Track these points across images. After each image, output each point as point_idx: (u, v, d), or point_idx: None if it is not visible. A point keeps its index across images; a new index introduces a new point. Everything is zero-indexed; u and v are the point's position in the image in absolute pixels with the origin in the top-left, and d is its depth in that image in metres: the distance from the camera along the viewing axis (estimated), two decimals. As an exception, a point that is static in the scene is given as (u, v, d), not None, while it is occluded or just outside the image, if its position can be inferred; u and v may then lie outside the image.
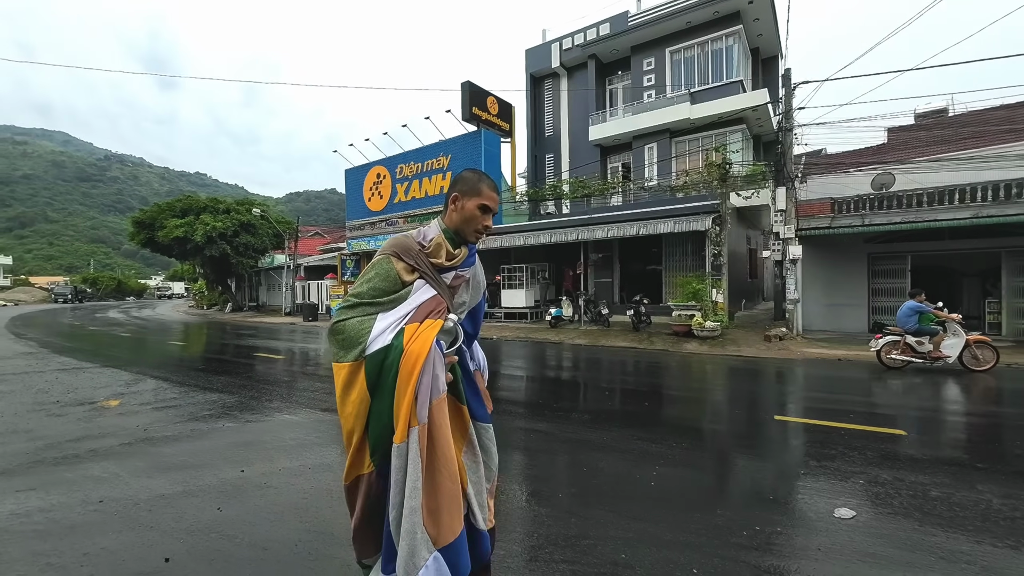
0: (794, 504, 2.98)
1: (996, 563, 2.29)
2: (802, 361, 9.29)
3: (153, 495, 3.04)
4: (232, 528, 2.61)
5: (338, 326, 1.46)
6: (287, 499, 2.99)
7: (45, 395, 6.03)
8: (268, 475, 3.37)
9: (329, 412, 5.19)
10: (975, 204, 11.62)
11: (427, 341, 1.39)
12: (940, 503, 2.95)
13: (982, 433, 4.68)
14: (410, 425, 1.36)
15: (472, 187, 1.57)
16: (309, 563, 2.27)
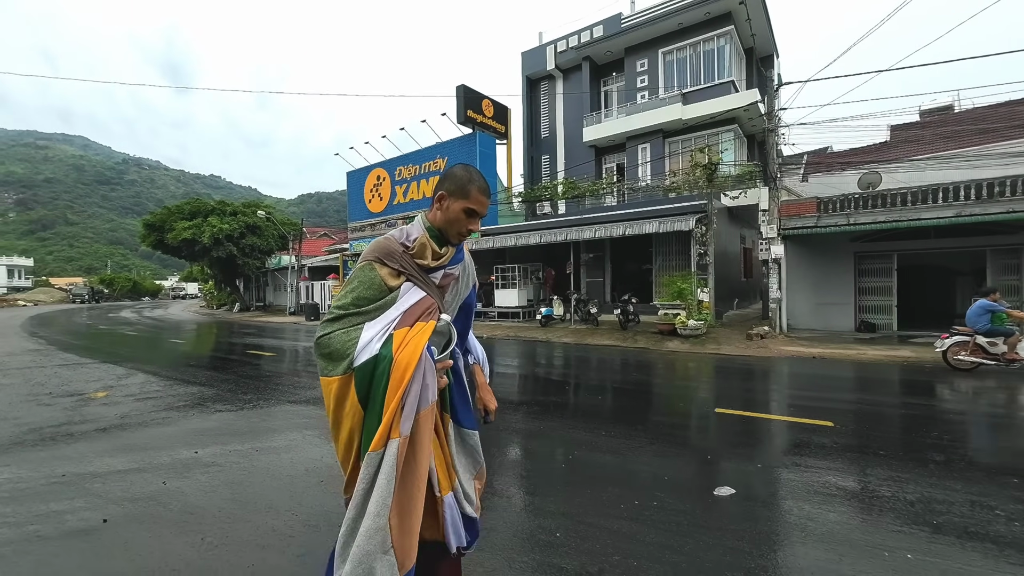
0: (683, 483, 3.24)
1: (837, 532, 2.54)
2: (776, 359, 9.46)
3: (110, 471, 3.42)
4: (169, 498, 2.96)
5: (323, 340, 1.38)
6: (227, 476, 3.34)
7: (40, 387, 6.50)
8: (217, 455, 3.73)
9: (296, 404, 5.55)
10: (958, 203, 11.65)
11: (417, 347, 1.31)
12: (823, 486, 3.19)
13: (905, 426, 4.88)
14: (390, 435, 1.28)
15: (460, 188, 1.47)
16: (226, 525, 2.61)
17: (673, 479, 3.32)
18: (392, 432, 1.28)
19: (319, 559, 2.28)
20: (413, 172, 21.81)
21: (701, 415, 5.20)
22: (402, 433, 1.28)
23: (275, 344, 12.60)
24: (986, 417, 5.19)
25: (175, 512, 2.76)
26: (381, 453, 1.27)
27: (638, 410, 5.55)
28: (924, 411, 5.41)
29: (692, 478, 3.33)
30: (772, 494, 3.08)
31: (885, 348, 10.01)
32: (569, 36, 21.01)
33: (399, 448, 1.28)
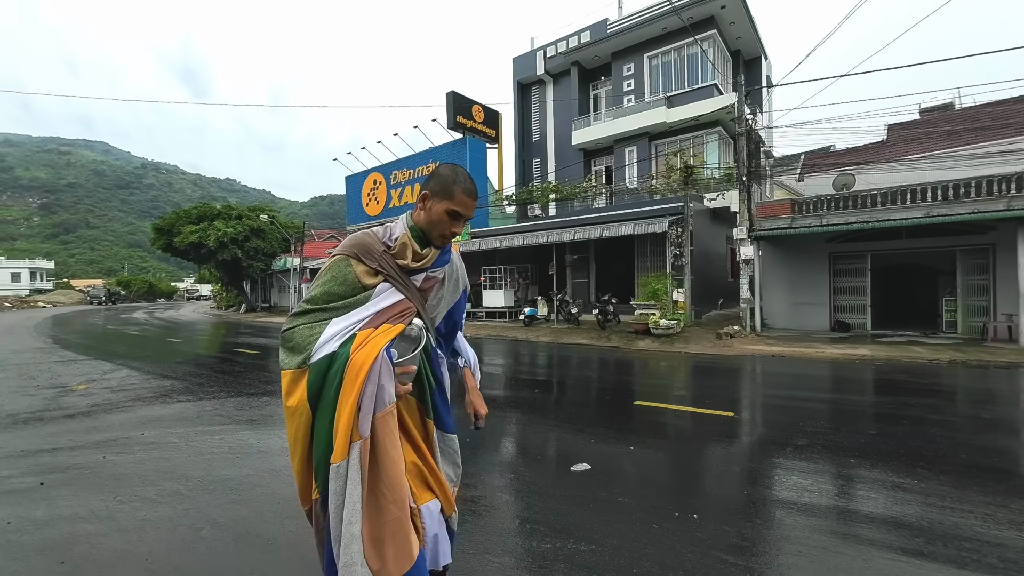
0: (548, 460, 3.67)
1: (660, 497, 2.94)
2: (735, 357, 9.75)
3: (62, 447, 3.96)
4: (103, 468, 3.48)
5: (287, 333, 1.34)
6: (159, 452, 3.85)
7: (31, 380, 7.14)
8: (159, 437, 4.26)
9: (254, 396, 6.07)
10: (926, 204, 11.86)
11: (374, 349, 1.26)
12: (673, 462, 3.59)
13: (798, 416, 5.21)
14: (351, 440, 1.23)
15: (445, 188, 1.40)
16: (138, 488, 3.11)
17: (545, 457, 3.74)
18: (353, 435, 1.23)
19: (204, 513, 2.75)
20: (407, 176, 22.43)
21: (619, 406, 5.60)
22: (361, 435, 1.23)
23: (264, 343, 13.23)
24: (878, 407, 5.49)
25: (102, 478, 3.28)
26: (346, 462, 1.22)
27: (563, 402, 5.96)
28: (827, 404, 5.73)
29: (561, 456, 3.75)
30: (622, 469, 3.48)
31: (846, 347, 10.24)
32: (558, 41, 21.42)
33: (361, 450, 1.23)
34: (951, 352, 9.32)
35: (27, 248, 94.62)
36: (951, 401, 5.98)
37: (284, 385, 1.31)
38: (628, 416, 5.08)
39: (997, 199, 10.93)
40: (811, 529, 2.54)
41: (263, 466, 3.53)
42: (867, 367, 8.29)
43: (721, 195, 14.78)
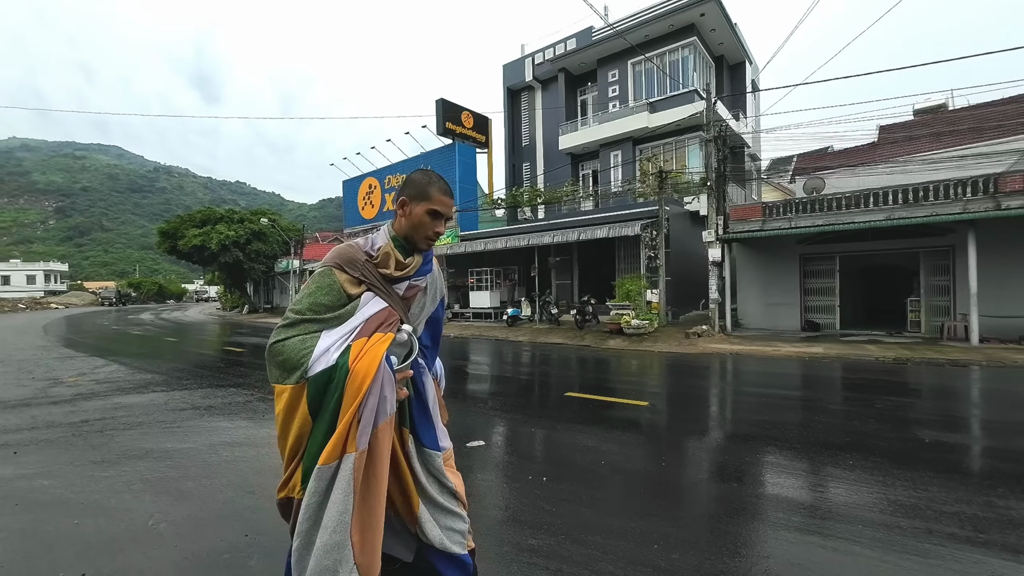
0: (453, 438, 4.20)
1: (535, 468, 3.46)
2: (695, 355, 10.20)
3: (40, 426, 4.57)
4: (70, 441, 4.08)
5: (276, 347, 1.33)
6: (118, 431, 4.45)
7: (27, 374, 7.82)
8: (121, 418, 4.87)
9: (221, 388, 6.67)
10: (888, 207, 12.19)
11: (375, 357, 1.27)
12: (569, 442, 4.10)
13: (707, 405, 5.68)
14: (345, 451, 1.23)
15: (421, 191, 1.45)
16: (90, 451, 3.70)
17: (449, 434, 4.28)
18: (348, 446, 1.23)
19: (138, 473, 3.33)
20: (400, 181, 23.07)
21: (549, 397, 6.12)
22: (359, 447, 1.23)
23: (254, 342, 13.89)
24: (791, 398, 5.94)
25: (66, 449, 3.88)
26: (335, 467, 1.23)
27: (500, 392, 6.49)
28: (746, 396, 6.19)
29: (464, 435, 4.28)
30: (512, 446, 4.00)
31: (804, 345, 10.63)
32: (545, 49, 21.96)
33: (355, 462, 1.23)
34: (900, 350, 9.69)
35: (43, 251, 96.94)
36: (865, 393, 6.39)
37: (284, 400, 1.29)
38: (550, 404, 5.60)
39: (954, 203, 11.26)
40: (649, 492, 3.05)
41: (204, 441, 4.11)
42: (812, 364, 8.72)
43: (696, 199, 15.19)
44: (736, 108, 20.22)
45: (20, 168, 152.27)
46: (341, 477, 1.23)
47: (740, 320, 15.03)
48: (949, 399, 6.02)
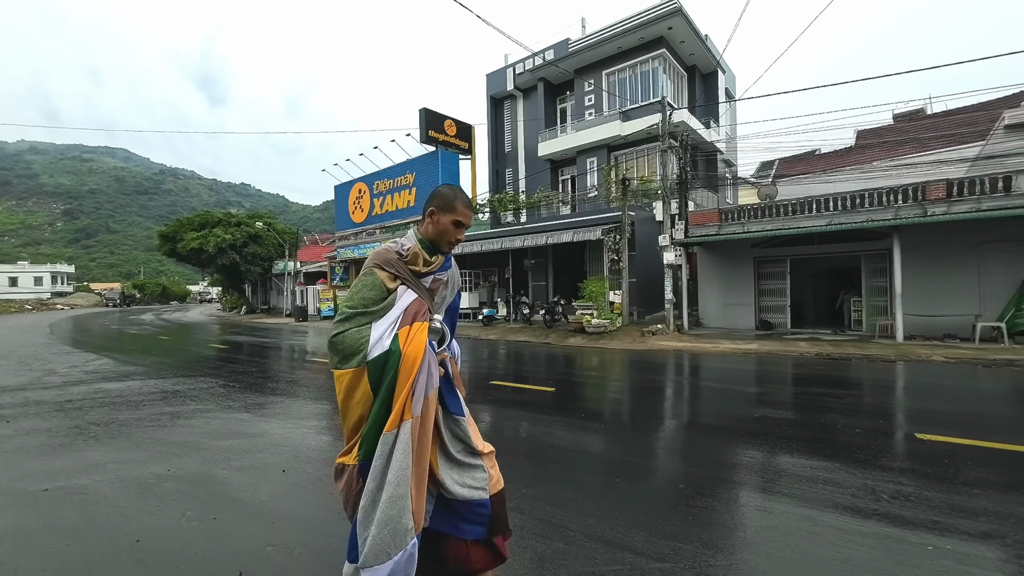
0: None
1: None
2: (639, 351, 11.02)
3: (27, 403, 5.50)
4: (52, 413, 4.99)
5: (337, 339, 1.58)
6: (89, 406, 5.34)
7: (26, 366, 8.78)
8: (100, 399, 5.76)
9: (191, 378, 7.57)
10: (829, 213, 12.99)
11: (421, 343, 1.55)
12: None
13: (608, 393, 6.51)
14: (403, 418, 1.49)
15: (447, 203, 1.71)
16: (67, 422, 4.59)
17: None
18: (405, 414, 1.49)
19: (95, 437, 4.21)
20: (388, 186, 23.97)
21: (478, 384, 6.98)
22: (414, 414, 1.50)
23: (242, 340, 14.83)
24: (699, 387, 6.77)
25: (47, 419, 4.79)
26: (395, 433, 1.48)
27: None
28: (653, 385, 7.03)
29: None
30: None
31: (744, 343, 11.43)
32: (526, 59, 22.83)
33: (412, 427, 1.49)
34: (828, 347, 10.47)
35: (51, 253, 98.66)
36: (766, 383, 7.21)
37: (346, 381, 1.56)
38: (472, 389, 6.47)
39: (886, 209, 12.04)
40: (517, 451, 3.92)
41: (154, 411, 5.00)
42: (738, 359, 9.51)
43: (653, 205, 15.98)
44: (707, 116, 21.02)
45: (29, 171, 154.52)
46: (401, 440, 1.49)
47: (701, 320, 15.82)
48: (826, 386, 6.82)
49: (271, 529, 2.58)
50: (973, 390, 6.40)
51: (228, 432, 4.44)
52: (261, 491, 3.10)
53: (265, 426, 4.63)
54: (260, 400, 5.84)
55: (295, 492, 3.10)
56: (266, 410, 5.31)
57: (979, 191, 10.92)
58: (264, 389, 6.57)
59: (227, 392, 6.31)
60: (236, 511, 2.81)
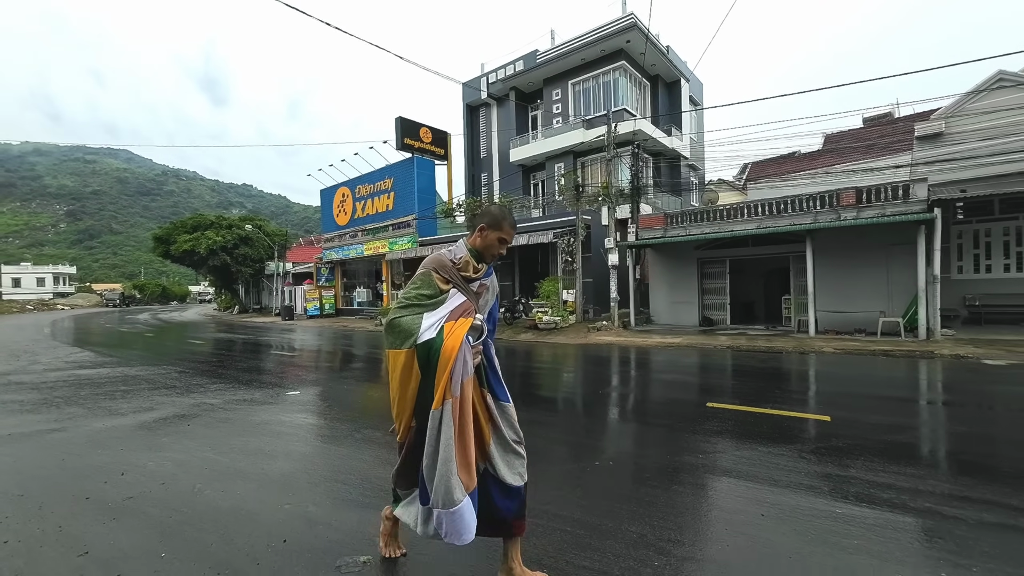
0: (277, 391, 6.17)
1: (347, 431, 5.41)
2: (576, 345, 12.06)
3: (12, 384, 6.61)
4: (28, 390, 6.10)
5: (394, 322, 1.89)
6: (61, 387, 6.46)
7: (15, 357, 9.94)
8: (70, 382, 6.88)
9: (157, 366, 8.69)
10: (758, 217, 14.00)
11: (459, 337, 1.83)
12: (370, 400, 6.04)
13: (523, 380, 7.58)
14: (445, 398, 1.79)
15: (496, 223, 2.00)
16: (38, 395, 5.70)
17: (277, 390, 6.25)
18: (447, 395, 1.79)
19: (65, 413, 5.30)
20: (369, 190, 25.13)
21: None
22: (453, 394, 1.79)
23: (220, 337, 15.97)
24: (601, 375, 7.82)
25: (24, 393, 5.90)
26: (440, 410, 1.79)
27: (358, 368, 8.44)
28: (560, 371, 8.09)
29: (287, 393, 6.24)
30: (324, 397, 5.96)
31: (672, 338, 12.47)
32: (498, 69, 23.92)
33: (454, 405, 1.78)
34: (744, 340, 11.50)
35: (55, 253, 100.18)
36: (648, 370, 8.27)
37: (401, 360, 1.86)
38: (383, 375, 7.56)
39: (806, 214, 13.06)
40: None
41: (110, 390, 6.11)
42: (657, 351, 10.57)
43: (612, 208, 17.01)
44: (671, 124, 22.03)
45: (32, 172, 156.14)
46: (446, 415, 1.78)
47: (652, 317, 16.86)
48: (696, 371, 7.88)
49: (157, 456, 3.68)
50: (802, 373, 7.49)
51: (157, 403, 5.55)
52: (161, 434, 4.20)
53: (186, 400, 5.74)
54: (201, 382, 6.95)
55: (190, 435, 4.20)
56: (200, 390, 6.41)
57: (884, 198, 11.94)
58: (212, 375, 7.67)
59: (178, 377, 7.42)
60: (139, 451, 3.91)
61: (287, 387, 6.48)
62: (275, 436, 4.28)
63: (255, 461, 3.61)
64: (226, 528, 2.54)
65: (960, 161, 12.34)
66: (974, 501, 2.78)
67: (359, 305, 26.70)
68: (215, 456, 3.72)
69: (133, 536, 2.47)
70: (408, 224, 22.40)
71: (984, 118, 12.06)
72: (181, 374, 7.70)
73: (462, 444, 1.81)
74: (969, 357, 8.41)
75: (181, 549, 2.34)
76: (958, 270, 12.81)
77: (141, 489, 3.08)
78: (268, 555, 2.26)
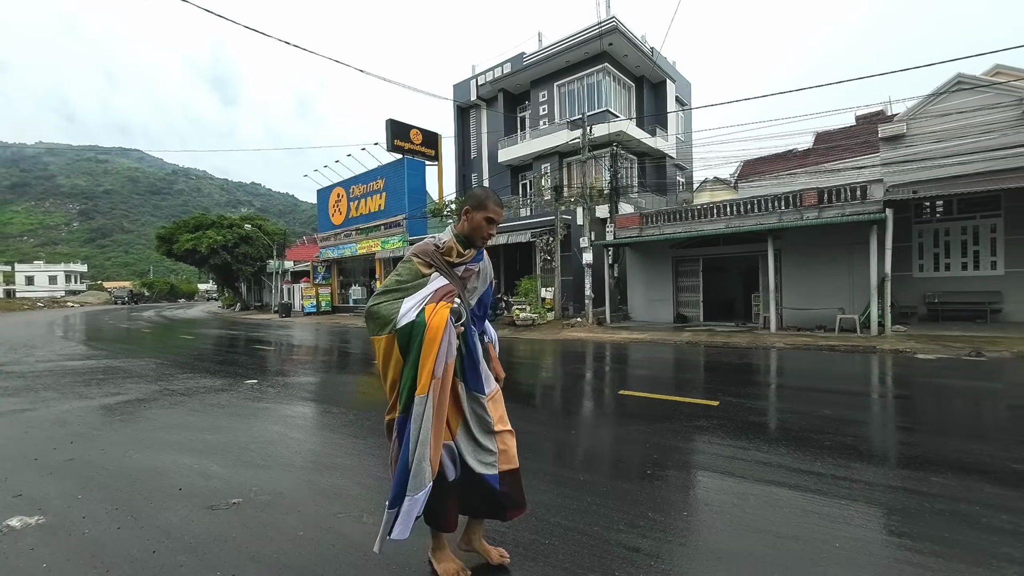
0: (237, 380, 6.77)
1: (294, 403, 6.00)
2: (546, 340, 12.56)
3: (3, 372, 7.28)
4: (15, 378, 6.76)
5: (373, 309, 1.90)
6: (48, 375, 7.11)
7: (14, 350, 10.68)
8: (58, 370, 7.54)
9: (140, 358, 9.35)
10: (726, 217, 14.41)
11: (443, 318, 1.82)
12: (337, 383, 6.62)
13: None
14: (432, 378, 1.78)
15: (480, 203, 1.98)
16: (23, 383, 6.35)
17: (255, 377, 6.85)
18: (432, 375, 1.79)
19: (43, 398, 5.94)
20: (362, 190, 25.80)
21: (366, 368, 8.64)
22: (435, 375, 1.80)
23: (212, 333, 16.69)
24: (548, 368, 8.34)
25: (14, 380, 6.55)
26: (427, 395, 1.79)
27: (331, 360, 9.03)
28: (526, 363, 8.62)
29: (248, 379, 6.83)
30: (287, 385, 6.55)
31: (638, 334, 12.94)
32: (487, 71, 24.42)
33: (435, 386, 1.81)
34: (705, 336, 11.95)
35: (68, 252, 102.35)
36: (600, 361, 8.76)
37: (382, 346, 1.88)
38: (352, 367, 8.15)
39: (772, 214, 13.45)
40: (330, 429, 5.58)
41: (90, 378, 6.74)
42: (620, 345, 11.05)
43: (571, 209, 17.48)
44: (655, 124, 22.41)
45: (46, 172, 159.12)
46: (430, 398, 1.80)
47: (630, 314, 17.31)
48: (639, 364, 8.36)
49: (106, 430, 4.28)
50: (733, 365, 7.94)
51: (125, 389, 6.17)
52: (117, 414, 4.80)
53: (152, 387, 6.35)
54: (172, 372, 7.58)
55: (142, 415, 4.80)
56: (168, 379, 7.03)
57: (843, 198, 12.31)
58: (185, 366, 8.30)
59: (155, 368, 8.06)
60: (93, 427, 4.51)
61: (248, 377, 7.08)
62: (214, 415, 4.86)
63: (187, 434, 4.19)
64: (137, 480, 3.12)
65: (920, 162, 12.66)
66: (793, 470, 3.28)
67: (355, 303, 27.37)
68: (155, 431, 4.31)
69: (61, 485, 3.05)
70: (399, 224, 23.01)
71: (942, 120, 12.37)
72: (159, 365, 8.34)
73: (437, 427, 1.84)
74: (905, 352, 8.82)
75: (94, 493, 2.92)
76: (919, 268, 13.12)
77: (82, 454, 3.67)
78: (161, 498, 2.83)
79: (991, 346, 8.82)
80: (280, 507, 2.71)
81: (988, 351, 8.47)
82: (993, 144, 11.79)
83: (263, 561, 2.17)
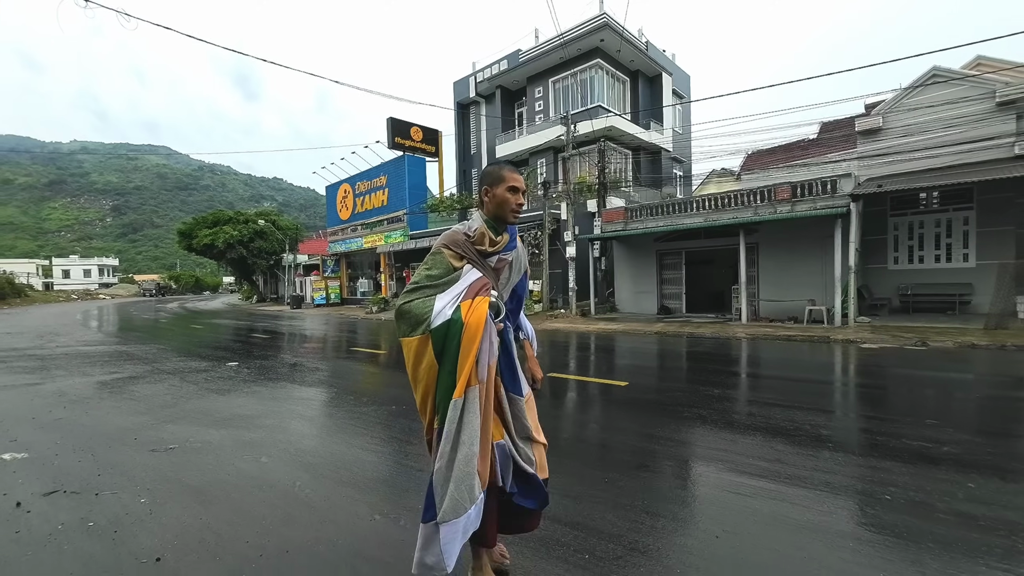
0: (221, 363, 7.65)
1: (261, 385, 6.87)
2: (524, 330, 13.24)
3: (23, 355, 8.34)
4: (31, 359, 7.79)
5: (404, 307, 1.72)
6: (61, 357, 8.13)
7: (40, 337, 11.88)
8: (71, 354, 8.57)
9: (147, 344, 10.38)
10: (705, 211, 14.78)
11: (483, 314, 1.65)
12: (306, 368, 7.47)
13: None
14: (469, 384, 1.62)
15: (497, 176, 1.86)
16: (38, 363, 7.36)
17: (236, 360, 7.72)
18: (471, 380, 1.63)
19: (43, 368, 6.92)
20: (367, 187, 26.75)
21: (336, 351, 9.47)
22: (480, 380, 1.64)
23: (222, 323, 17.86)
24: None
25: (29, 362, 7.57)
26: (463, 400, 1.62)
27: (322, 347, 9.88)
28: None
29: (231, 362, 7.70)
30: (262, 367, 7.40)
31: (615, 324, 13.51)
32: (485, 68, 24.96)
33: (480, 392, 1.64)
34: (677, 327, 12.45)
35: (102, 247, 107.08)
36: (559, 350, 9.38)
37: (413, 348, 1.70)
38: (327, 353, 8.97)
39: (747, 208, 13.78)
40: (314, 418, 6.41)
41: (98, 361, 7.72)
42: (585, 335, 11.66)
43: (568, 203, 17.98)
44: (650, 118, 22.66)
45: (81, 170, 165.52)
46: (470, 403, 1.65)
47: (617, 306, 17.83)
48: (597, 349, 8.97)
49: (95, 399, 5.15)
50: (676, 352, 8.48)
51: (124, 369, 7.11)
52: (109, 388, 5.69)
53: (147, 367, 7.28)
54: (168, 356, 8.53)
55: (128, 389, 5.67)
56: (163, 360, 7.97)
57: (815, 192, 12.58)
58: (184, 351, 9.26)
59: (157, 352, 9.04)
60: (85, 397, 5.40)
61: (232, 360, 7.97)
62: (186, 390, 5.72)
63: (157, 403, 5.04)
64: (106, 433, 3.96)
65: (895, 155, 12.81)
66: (666, 440, 3.92)
67: (362, 295, 28.44)
68: (133, 401, 5.18)
69: (47, 435, 3.91)
70: (400, 219, 23.88)
71: (916, 113, 12.49)
72: (160, 350, 9.33)
73: (484, 437, 1.69)
74: (855, 342, 9.21)
75: (70, 440, 3.77)
76: (894, 261, 13.31)
77: (70, 416, 4.54)
78: (118, 445, 3.65)
79: (940, 336, 9.14)
80: (206, 452, 3.50)
81: (934, 341, 8.81)
82: (967, 137, 11.90)
83: (179, 484, 2.94)
